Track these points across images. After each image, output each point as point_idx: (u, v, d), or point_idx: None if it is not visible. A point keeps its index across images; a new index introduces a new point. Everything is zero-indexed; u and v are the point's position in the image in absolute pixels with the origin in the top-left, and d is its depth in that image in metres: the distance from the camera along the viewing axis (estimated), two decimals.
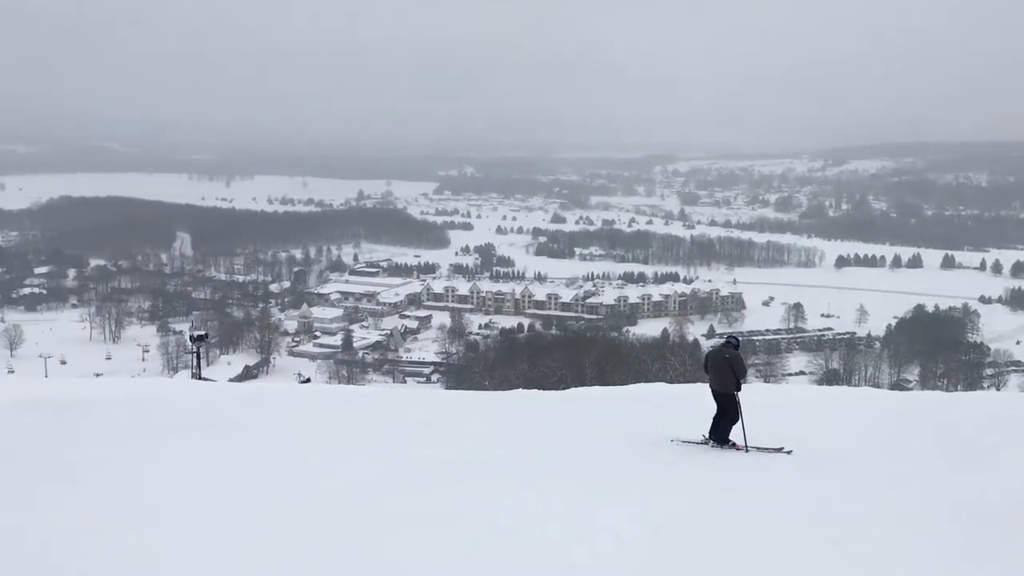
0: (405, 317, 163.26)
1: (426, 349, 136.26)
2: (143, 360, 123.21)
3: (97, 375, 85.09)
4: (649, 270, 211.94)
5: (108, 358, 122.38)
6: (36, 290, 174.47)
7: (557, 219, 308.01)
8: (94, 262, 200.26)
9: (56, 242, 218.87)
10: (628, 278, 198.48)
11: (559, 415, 15.09)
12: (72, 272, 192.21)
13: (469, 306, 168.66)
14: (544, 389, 22.40)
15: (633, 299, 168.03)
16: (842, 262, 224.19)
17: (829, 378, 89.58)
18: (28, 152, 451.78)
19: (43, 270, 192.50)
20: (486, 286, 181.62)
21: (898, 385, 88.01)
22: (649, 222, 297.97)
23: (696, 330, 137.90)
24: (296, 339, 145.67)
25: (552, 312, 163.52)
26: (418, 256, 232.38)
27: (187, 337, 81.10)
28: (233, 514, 8.28)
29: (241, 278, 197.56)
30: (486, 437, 12.64)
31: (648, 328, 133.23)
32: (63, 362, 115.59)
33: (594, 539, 7.88)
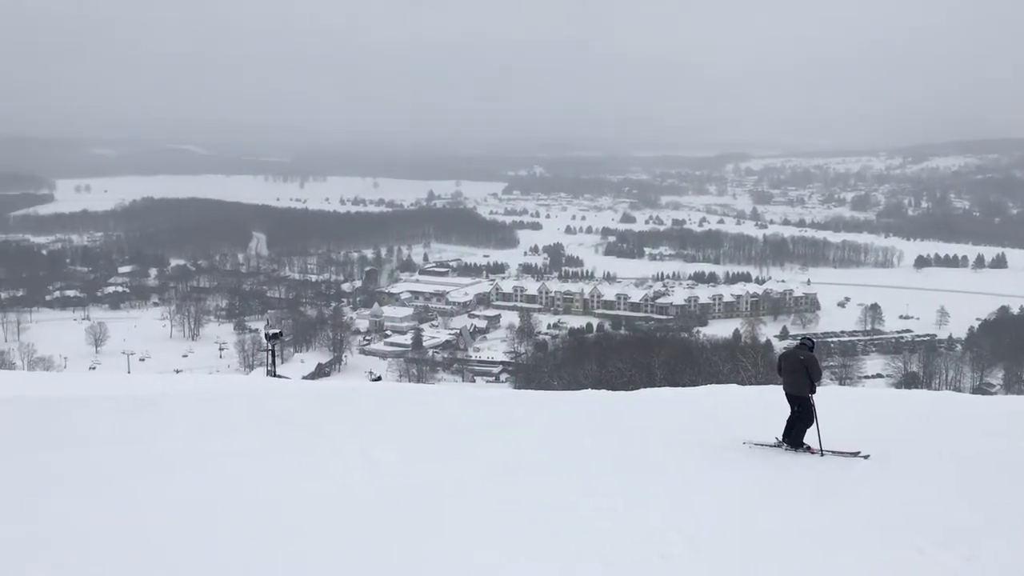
0: (474, 316, 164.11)
1: (495, 348, 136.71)
2: (220, 357, 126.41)
3: (176, 371, 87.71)
4: (720, 270, 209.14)
5: (185, 355, 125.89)
6: (120, 289, 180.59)
7: (626, 219, 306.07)
8: (174, 262, 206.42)
9: (139, 242, 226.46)
10: (699, 278, 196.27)
11: (629, 416, 15.00)
12: (154, 271, 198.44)
13: (538, 306, 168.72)
14: (613, 390, 22.28)
15: (704, 299, 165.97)
16: (922, 262, 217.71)
17: (908, 381, 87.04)
18: (113, 155, 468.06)
19: (126, 269, 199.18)
20: (555, 286, 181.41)
21: (981, 389, 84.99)
22: (720, 221, 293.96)
23: (768, 331, 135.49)
24: (367, 338, 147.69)
25: (621, 312, 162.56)
26: (487, 256, 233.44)
27: (262, 335, 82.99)
28: (307, 511, 8.44)
29: (314, 277, 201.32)
30: (555, 437, 12.63)
31: (719, 329, 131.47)
32: (141, 359, 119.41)
33: (664, 541, 7.82)
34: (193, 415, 13.38)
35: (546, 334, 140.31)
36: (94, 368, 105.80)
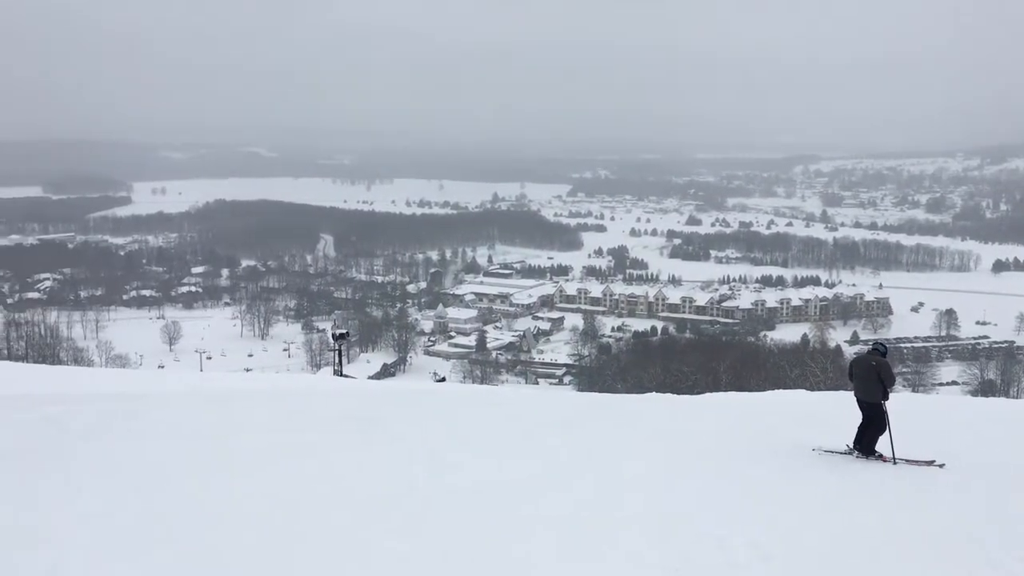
0: (538, 319, 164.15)
1: (558, 351, 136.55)
2: (288, 356, 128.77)
3: (247, 370, 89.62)
4: (788, 273, 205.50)
5: (250, 355, 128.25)
6: (193, 289, 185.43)
7: (692, 221, 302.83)
8: (245, 262, 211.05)
9: (211, 243, 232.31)
10: (766, 281, 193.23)
11: (694, 420, 14.85)
12: (225, 272, 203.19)
13: (602, 308, 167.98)
14: (678, 393, 22.06)
15: (771, 303, 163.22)
16: (1000, 266, 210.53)
17: (984, 389, 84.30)
18: (187, 159, 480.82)
19: (199, 270, 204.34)
20: (619, 288, 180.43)
21: None
22: (789, 224, 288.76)
23: (838, 336, 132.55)
24: (432, 339, 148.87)
25: (686, 315, 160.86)
26: (551, 258, 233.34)
27: (329, 335, 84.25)
28: (377, 508, 8.55)
29: (380, 278, 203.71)
30: (620, 441, 12.57)
31: (787, 333, 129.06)
32: (208, 357, 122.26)
33: (731, 549, 7.72)
34: (264, 412, 13.67)
35: (610, 337, 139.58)
36: (162, 367, 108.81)
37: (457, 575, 6.92)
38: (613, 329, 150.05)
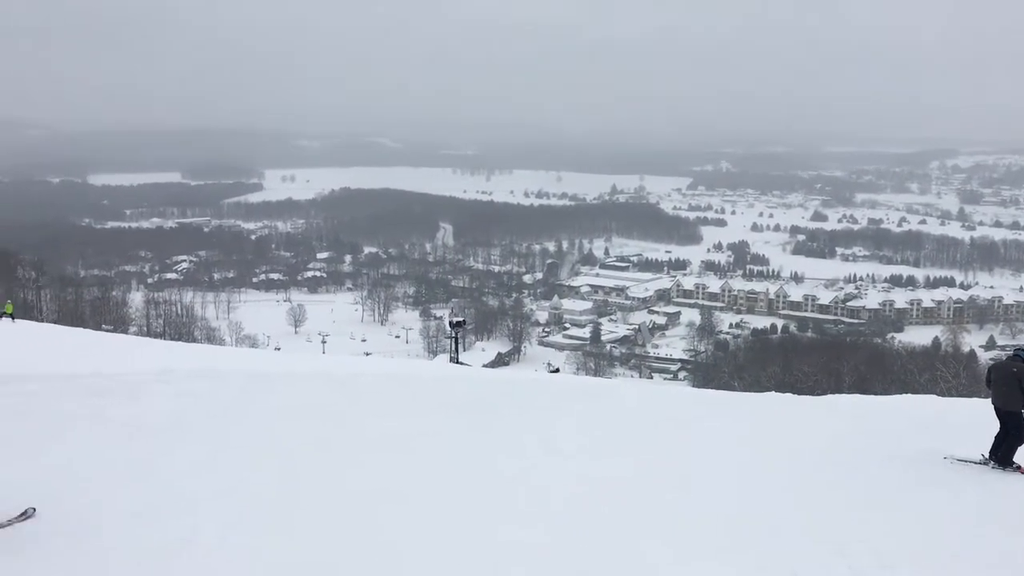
0: (654, 312, 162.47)
1: (674, 346, 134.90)
2: (406, 342, 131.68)
3: (367, 354, 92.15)
4: (920, 273, 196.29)
5: (363, 340, 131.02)
6: (318, 273, 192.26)
7: (818, 217, 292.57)
8: (367, 249, 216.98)
9: (336, 230, 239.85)
10: (895, 281, 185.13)
11: (815, 421, 14.41)
12: (348, 258, 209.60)
13: (720, 304, 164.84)
14: (798, 393, 21.44)
15: (900, 304, 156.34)
16: None
17: None
18: (316, 147, 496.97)
19: (324, 255, 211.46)
20: (738, 284, 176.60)
21: None
22: (922, 222, 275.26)
23: (973, 340, 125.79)
24: (546, 329, 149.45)
25: (808, 314, 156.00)
26: (669, 252, 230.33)
27: (447, 323, 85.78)
28: (490, 495, 8.69)
29: (497, 268, 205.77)
30: (736, 439, 12.33)
31: (916, 336, 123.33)
32: (323, 341, 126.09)
33: (852, 554, 7.48)
34: (385, 396, 14.07)
35: (727, 333, 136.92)
36: (279, 349, 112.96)
37: (574, 567, 6.96)
38: (731, 326, 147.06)
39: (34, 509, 7.56)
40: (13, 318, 39.11)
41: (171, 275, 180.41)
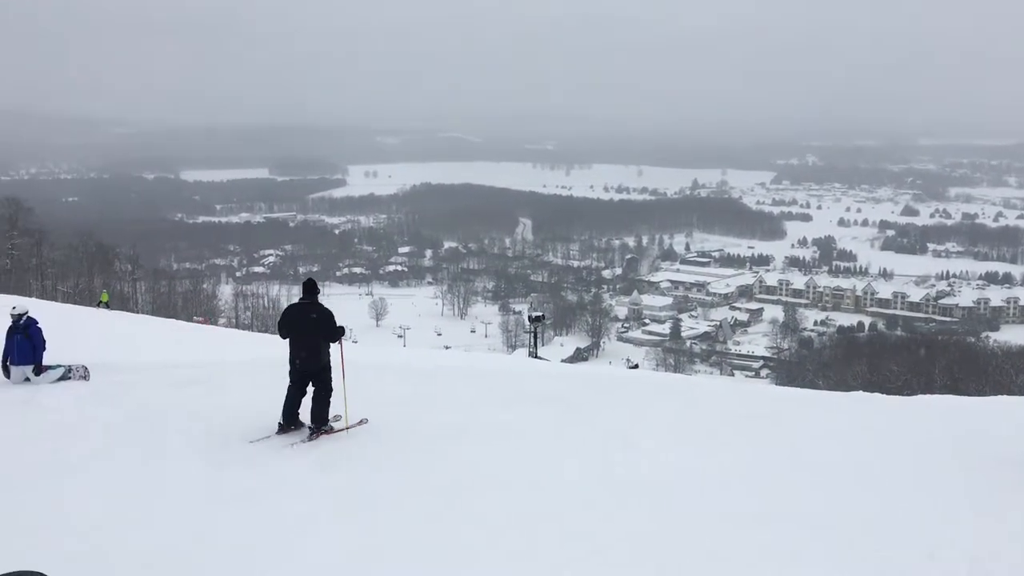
0: (735, 309, 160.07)
1: (756, 343, 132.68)
2: (484, 336, 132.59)
3: (446, 348, 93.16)
4: (1017, 270, 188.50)
5: (439, 334, 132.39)
6: (399, 268, 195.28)
7: (908, 211, 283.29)
8: (447, 244, 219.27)
9: (417, 225, 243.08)
10: (990, 278, 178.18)
11: (904, 422, 13.98)
12: (429, 252, 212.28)
13: (804, 301, 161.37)
14: (886, 393, 20.83)
15: (996, 302, 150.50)
16: None
17: None
18: (397, 143, 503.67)
19: (405, 250, 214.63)
20: (824, 281, 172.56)
21: None
22: (1021, 216, 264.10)
23: None
24: (625, 325, 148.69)
25: (897, 312, 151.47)
26: (751, 247, 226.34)
27: (525, 317, 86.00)
28: (570, 491, 8.72)
29: (576, 263, 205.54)
30: (822, 438, 12.06)
31: (1014, 335, 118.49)
32: (400, 335, 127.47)
33: (946, 560, 7.26)
34: (465, 388, 14.22)
35: (812, 331, 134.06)
36: (356, 342, 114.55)
37: (652, 565, 6.94)
38: (816, 323, 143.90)
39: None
40: (108, 307, 40.82)
41: (258, 268, 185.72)
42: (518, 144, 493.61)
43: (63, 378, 13.50)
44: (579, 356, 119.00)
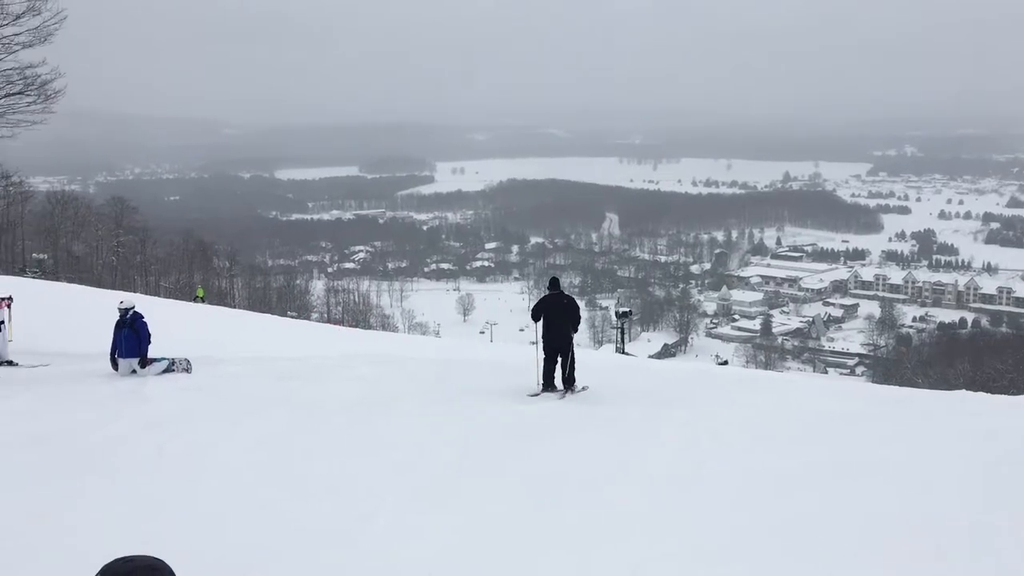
0: (829, 305, 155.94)
1: (851, 340, 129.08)
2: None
3: (532, 343, 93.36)
4: None
5: (521, 330, 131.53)
6: (486, 263, 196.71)
7: (1015, 203, 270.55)
8: (534, 239, 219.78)
9: (503, 220, 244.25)
10: None
11: (1013, 423, 13.41)
12: (515, 248, 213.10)
13: (902, 296, 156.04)
14: (991, 393, 20.00)
15: None
16: None
17: None
18: (485, 139, 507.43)
19: (492, 246, 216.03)
20: (923, 275, 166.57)
21: None
22: None
23: None
24: (714, 321, 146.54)
25: (1003, 308, 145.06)
26: (846, 241, 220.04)
27: (613, 313, 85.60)
28: (662, 487, 8.68)
29: (663, 258, 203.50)
30: (922, 439, 11.67)
31: None
32: (481, 332, 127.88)
33: None
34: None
35: (910, 327, 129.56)
36: (439, 336, 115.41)
37: (750, 564, 6.86)
38: (914, 319, 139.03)
39: None
40: (205, 301, 42.34)
41: (349, 264, 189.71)
42: (605, 139, 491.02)
43: (167, 370, 14.12)
44: (667, 352, 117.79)
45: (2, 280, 18.59)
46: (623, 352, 45.35)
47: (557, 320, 13.47)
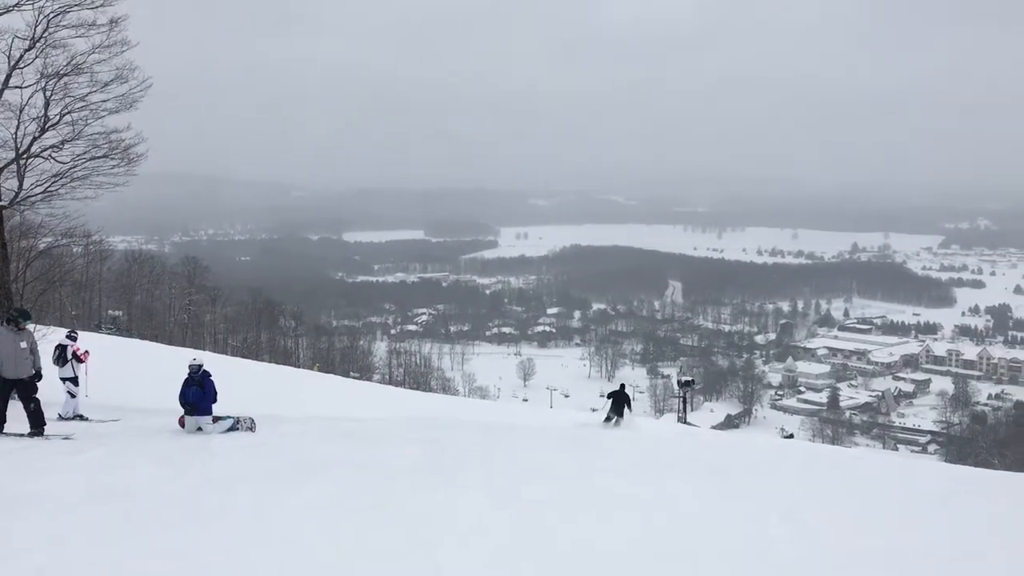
0: (899, 379, 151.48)
1: (922, 416, 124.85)
2: (633, 399, 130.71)
3: (592, 410, 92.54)
4: None
5: (566, 395, 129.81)
6: (547, 328, 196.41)
7: None
8: (596, 305, 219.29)
9: (566, 286, 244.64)
10: None
11: None
12: (577, 314, 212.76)
13: (976, 372, 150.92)
14: None
15: None
16: None
17: None
18: (548, 205, 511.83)
19: (554, 311, 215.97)
20: (999, 351, 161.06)
21: None
22: None
23: None
24: (779, 392, 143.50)
25: None
26: (917, 314, 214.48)
27: (675, 382, 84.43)
28: (729, 564, 8.43)
29: (727, 328, 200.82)
30: (999, 524, 11.14)
31: None
32: (565, 395, 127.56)
33: None
34: (613, 453, 14.07)
35: (986, 405, 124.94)
36: (526, 400, 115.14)
37: None
38: (990, 396, 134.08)
39: None
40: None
41: (412, 327, 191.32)
42: (668, 206, 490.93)
43: (232, 429, 14.33)
44: (730, 423, 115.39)
45: (81, 336, 19.24)
46: (685, 422, 44.55)
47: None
